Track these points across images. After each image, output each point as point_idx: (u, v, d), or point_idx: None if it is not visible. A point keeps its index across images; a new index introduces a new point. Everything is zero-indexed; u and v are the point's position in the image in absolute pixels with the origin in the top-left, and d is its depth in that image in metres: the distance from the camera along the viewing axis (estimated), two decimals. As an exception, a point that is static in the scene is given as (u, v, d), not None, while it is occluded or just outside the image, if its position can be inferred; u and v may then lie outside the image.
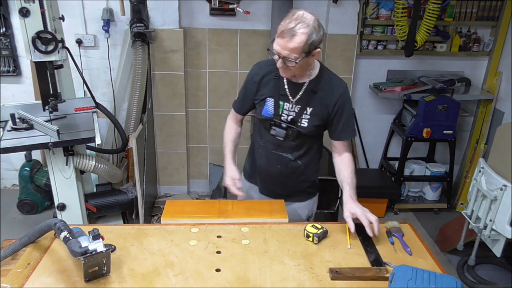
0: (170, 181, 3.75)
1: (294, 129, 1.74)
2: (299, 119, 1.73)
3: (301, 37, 1.49)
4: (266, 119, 1.77)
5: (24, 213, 3.38)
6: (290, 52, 1.51)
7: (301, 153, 1.82)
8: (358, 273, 1.34)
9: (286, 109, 1.74)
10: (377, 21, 3.47)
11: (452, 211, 3.69)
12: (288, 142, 1.78)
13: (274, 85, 1.73)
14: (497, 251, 2.37)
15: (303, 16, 1.50)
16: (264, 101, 1.76)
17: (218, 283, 1.29)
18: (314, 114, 1.72)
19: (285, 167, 1.84)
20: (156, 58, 3.31)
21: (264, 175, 1.92)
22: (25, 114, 2.31)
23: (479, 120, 3.67)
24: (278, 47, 1.53)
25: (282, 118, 1.75)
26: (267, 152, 1.85)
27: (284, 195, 1.89)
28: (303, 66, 1.61)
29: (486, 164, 2.47)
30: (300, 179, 1.90)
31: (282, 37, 1.50)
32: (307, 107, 1.72)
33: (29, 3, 2.05)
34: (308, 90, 1.70)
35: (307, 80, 1.70)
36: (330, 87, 1.71)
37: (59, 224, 1.30)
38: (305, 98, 1.71)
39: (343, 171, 1.77)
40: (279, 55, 1.54)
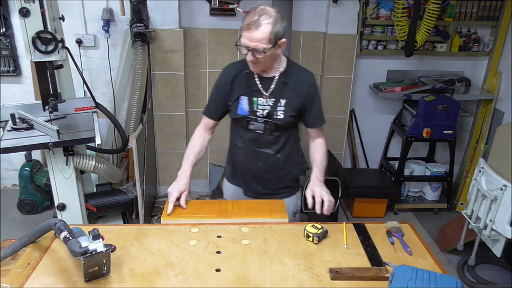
0: (170, 181, 3.67)
1: (271, 122, 1.79)
2: (275, 111, 1.79)
3: (267, 27, 1.58)
4: (243, 117, 1.81)
5: (24, 213, 3.38)
6: (258, 43, 1.59)
7: (279, 147, 1.87)
8: (358, 273, 1.34)
9: (261, 104, 1.79)
10: (377, 21, 3.47)
11: (452, 211, 3.69)
12: (266, 137, 1.83)
13: (245, 83, 1.79)
14: (497, 251, 2.37)
15: (265, 9, 1.60)
16: (238, 100, 1.81)
17: (218, 283, 1.29)
18: (288, 105, 1.79)
19: (266, 163, 1.88)
20: (156, 58, 3.31)
21: (246, 175, 1.94)
22: (25, 114, 2.31)
23: (479, 120, 3.67)
24: (246, 40, 1.61)
25: (258, 113, 1.80)
26: (247, 150, 1.88)
27: (268, 193, 1.94)
28: (271, 57, 1.70)
29: (486, 164, 2.47)
30: (282, 173, 1.94)
31: (249, 29, 1.59)
32: (280, 99, 1.78)
33: (29, 3, 2.05)
34: (279, 82, 1.78)
35: (276, 73, 1.78)
36: (299, 79, 1.80)
37: (59, 224, 1.30)
38: (277, 90, 1.78)
39: (314, 154, 1.95)
40: (248, 48, 1.62)
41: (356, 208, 3.51)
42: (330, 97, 3.59)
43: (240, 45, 1.64)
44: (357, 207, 3.51)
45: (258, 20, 1.57)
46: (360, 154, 3.94)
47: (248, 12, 1.63)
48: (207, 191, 3.85)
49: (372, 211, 3.50)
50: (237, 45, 1.66)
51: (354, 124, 3.81)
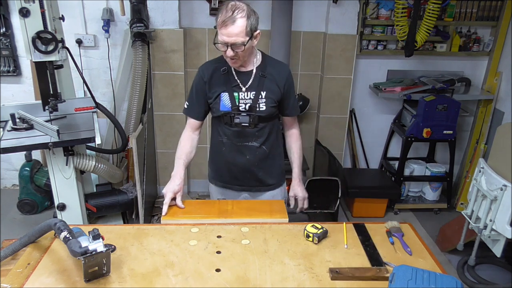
0: (170, 181, 3.75)
1: (255, 115, 1.82)
2: (256, 104, 1.82)
3: (242, 21, 1.63)
4: (225, 113, 1.84)
5: (24, 213, 3.38)
6: (236, 37, 1.64)
7: (264, 139, 1.90)
8: (358, 273, 1.34)
9: (242, 98, 1.82)
10: (377, 21, 3.47)
11: (452, 211, 3.69)
12: (251, 130, 1.86)
13: (224, 79, 1.82)
14: (497, 251, 2.37)
15: (236, 5, 1.65)
16: (219, 97, 1.83)
17: (218, 283, 1.29)
18: (269, 97, 1.83)
19: (253, 156, 1.91)
20: (156, 58, 3.31)
21: (234, 171, 1.96)
22: (25, 114, 2.31)
23: (479, 120, 3.67)
24: (224, 37, 1.65)
25: (241, 108, 1.83)
26: (233, 146, 1.91)
27: (256, 185, 1.98)
28: (249, 50, 1.75)
29: (486, 164, 2.47)
30: (268, 165, 1.97)
31: (225, 26, 1.63)
32: (261, 92, 1.82)
33: (29, 3, 2.05)
34: (257, 76, 1.82)
35: (253, 67, 1.83)
36: (276, 70, 1.86)
37: (59, 224, 1.30)
38: (257, 83, 1.82)
39: (292, 147, 2.02)
40: (227, 44, 1.66)
41: (356, 208, 3.51)
42: (330, 97, 3.59)
43: (218, 42, 1.68)
44: (357, 207, 3.51)
45: (233, 15, 1.62)
46: (360, 154, 3.94)
47: (219, 9, 1.68)
48: (207, 191, 3.84)
49: (372, 211, 3.50)
50: (215, 44, 1.70)
51: (354, 124, 3.81)
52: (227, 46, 1.66)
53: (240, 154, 1.91)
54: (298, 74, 3.60)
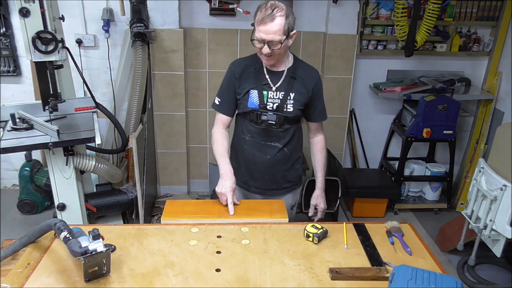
0: (170, 181, 3.75)
1: (281, 115, 1.83)
2: (284, 105, 1.84)
3: (281, 19, 1.65)
4: (253, 110, 1.85)
5: (24, 213, 3.37)
6: (274, 35, 1.66)
7: (287, 140, 1.92)
8: (358, 273, 1.34)
9: (271, 97, 1.83)
10: (377, 21, 3.47)
11: (452, 211, 3.69)
12: (275, 130, 1.87)
13: (255, 77, 1.84)
14: (497, 251, 2.37)
15: (276, 3, 1.68)
16: (248, 94, 1.85)
17: (218, 283, 1.29)
18: (297, 99, 1.85)
19: (274, 156, 1.92)
20: (156, 58, 3.31)
21: (253, 170, 1.97)
22: (25, 114, 2.31)
23: (479, 120, 3.67)
24: (262, 34, 1.67)
25: (268, 106, 1.84)
26: (256, 144, 1.91)
27: (272, 188, 1.98)
28: (284, 49, 1.76)
29: (486, 164, 2.47)
30: (287, 167, 1.98)
31: (264, 23, 1.65)
32: (290, 93, 1.84)
33: (29, 3, 2.05)
34: (287, 76, 1.85)
35: (285, 68, 1.85)
36: (307, 73, 1.88)
37: (59, 224, 1.30)
38: (287, 84, 1.84)
39: (317, 155, 2.07)
40: (264, 41, 1.68)
41: (356, 208, 3.51)
42: (330, 97, 3.59)
43: (254, 39, 1.69)
44: (357, 207, 3.51)
45: (272, 13, 1.63)
46: (360, 154, 3.94)
47: (259, 7, 1.69)
48: (207, 191, 3.85)
49: (372, 211, 3.50)
50: (252, 40, 1.71)
51: (354, 124, 3.81)
52: (264, 43, 1.68)
53: (262, 153, 1.92)
54: (298, 74, 3.59)
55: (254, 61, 1.85)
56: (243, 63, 1.87)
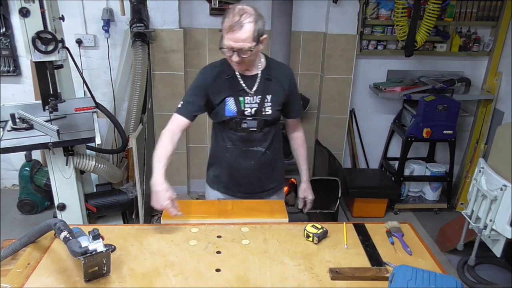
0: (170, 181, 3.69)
1: (261, 119, 1.80)
2: (262, 108, 1.80)
3: (250, 26, 1.59)
4: (231, 118, 1.80)
5: (24, 213, 3.37)
6: (243, 43, 1.60)
7: (269, 143, 1.88)
8: (358, 273, 1.34)
9: (248, 102, 1.79)
10: (377, 21, 3.47)
11: (452, 211, 3.69)
12: (257, 135, 1.83)
13: (229, 84, 1.78)
14: (497, 251, 2.37)
15: (244, 9, 1.60)
16: (224, 102, 1.78)
17: (218, 283, 1.29)
18: (274, 100, 1.81)
19: (257, 161, 1.89)
20: (156, 58, 3.31)
21: (237, 176, 1.92)
22: (25, 114, 2.31)
23: (479, 120, 3.67)
24: (231, 42, 1.61)
25: (246, 112, 1.79)
26: (238, 151, 1.86)
27: (258, 191, 1.95)
28: (255, 55, 1.71)
29: (486, 164, 2.47)
30: (270, 168, 1.95)
31: (232, 31, 1.58)
32: (266, 95, 1.80)
33: (29, 3, 2.05)
34: (262, 79, 1.79)
35: (258, 71, 1.80)
36: (281, 73, 1.84)
37: (59, 224, 1.30)
38: (262, 87, 1.79)
39: (299, 150, 2.05)
40: (233, 49, 1.61)
41: (356, 208, 3.51)
42: (330, 97, 3.59)
43: (223, 47, 1.63)
44: (357, 207, 3.51)
45: (240, 20, 1.57)
46: (360, 154, 3.93)
47: (226, 13, 1.62)
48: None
49: (372, 211, 3.50)
50: (220, 48, 1.65)
51: (354, 124, 3.81)
52: (233, 51, 1.62)
53: (245, 159, 1.88)
54: (298, 74, 3.59)
55: (225, 67, 1.77)
56: (215, 70, 1.79)
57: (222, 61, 1.81)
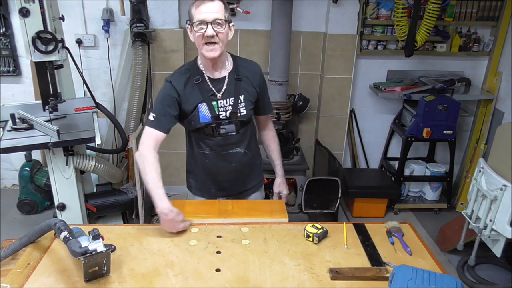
0: (170, 181, 3.74)
1: (237, 121, 1.77)
2: (237, 109, 1.76)
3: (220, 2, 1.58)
4: (207, 124, 1.74)
5: (24, 213, 3.37)
6: (217, 13, 1.56)
7: (247, 143, 1.85)
8: (358, 273, 1.34)
9: (221, 106, 1.74)
10: (377, 21, 3.46)
11: (452, 211, 3.69)
12: (234, 137, 1.79)
13: (199, 89, 1.72)
14: (497, 251, 2.37)
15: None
16: (197, 109, 1.72)
17: (218, 283, 1.29)
18: (247, 99, 1.78)
19: (238, 162, 1.86)
20: (156, 58, 3.31)
21: (219, 180, 1.89)
22: (25, 114, 2.31)
23: (479, 120, 3.67)
24: (203, 14, 1.56)
25: (221, 116, 1.75)
26: (217, 156, 1.82)
27: (241, 191, 1.94)
28: (226, 39, 1.64)
29: (486, 164, 2.47)
30: (250, 166, 1.93)
31: (203, 3, 1.56)
32: (239, 96, 1.76)
33: (29, 3, 2.05)
34: (231, 80, 1.75)
35: (226, 73, 1.75)
36: (249, 71, 1.79)
37: (59, 224, 1.30)
38: (233, 88, 1.75)
39: (272, 146, 2.02)
40: (206, 22, 1.56)
41: (356, 208, 3.51)
42: (330, 97, 3.59)
43: (195, 23, 1.57)
44: (357, 207, 3.51)
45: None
46: (360, 154, 3.93)
47: None
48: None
49: (372, 211, 3.50)
50: (192, 24, 1.58)
51: (354, 124, 3.81)
52: (207, 24, 1.55)
53: (226, 163, 1.84)
54: (298, 74, 3.60)
55: (193, 72, 1.71)
56: (183, 76, 1.71)
57: (188, 65, 1.75)
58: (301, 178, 3.13)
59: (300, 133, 3.73)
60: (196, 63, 1.75)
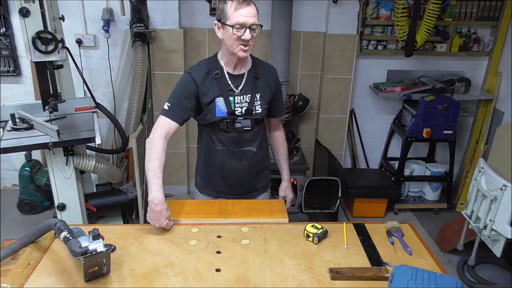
0: (170, 181, 3.75)
1: (252, 118, 1.79)
2: (253, 107, 1.78)
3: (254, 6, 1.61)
4: (222, 119, 1.75)
5: (24, 213, 3.37)
6: (254, 18, 1.59)
7: (259, 142, 1.87)
8: (358, 273, 1.34)
9: (238, 102, 1.76)
10: (377, 21, 3.47)
11: (452, 211, 3.69)
12: (247, 135, 1.81)
13: (218, 84, 1.73)
14: (497, 251, 2.37)
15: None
16: (214, 103, 1.73)
17: (218, 283, 1.29)
18: (263, 98, 1.81)
19: (249, 161, 1.87)
20: (156, 58, 3.31)
21: (229, 178, 1.90)
22: (25, 114, 2.31)
23: (479, 120, 3.67)
24: (243, 18, 1.57)
25: (237, 112, 1.77)
26: (229, 153, 1.83)
27: (249, 191, 1.95)
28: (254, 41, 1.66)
29: (486, 164, 2.47)
30: (260, 167, 1.94)
31: (243, 7, 1.57)
32: (256, 94, 1.79)
33: (29, 3, 2.05)
34: (250, 78, 1.78)
35: (245, 70, 1.78)
36: (266, 71, 1.84)
37: (59, 224, 1.30)
38: (251, 86, 1.78)
39: (280, 149, 2.03)
40: (246, 26, 1.58)
41: (356, 208, 3.51)
42: (330, 97, 3.59)
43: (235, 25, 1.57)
44: (357, 207, 3.51)
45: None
46: (360, 154, 3.94)
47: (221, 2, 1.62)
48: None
49: (372, 211, 3.50)
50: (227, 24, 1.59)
51: (354, 124, 3.81)
52: (246, 28, 1.57)
53: (237, 160, 1.85)
54: (298, 74, 3.60)
55: (213, 67, 1.73)
56: (203, 69, 1.73)
57: (208, 60, 1.78)
58: (301, 178, 3.13)
59: (300, 133, 3.73)
60: (217, 58, 1.77)
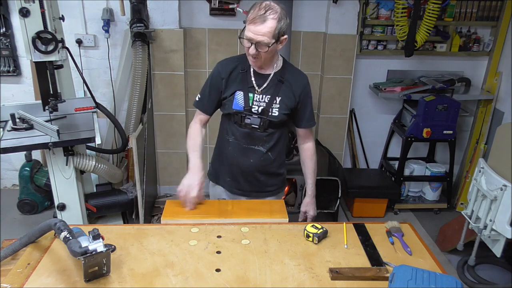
0: (170, 181, 3.75)
1: (266, 119, 1.80)
2: (270, 108, 1.80)
3: (272, 22, 1.61)
4: (237, 112, 1.81)
5: (24, 213, 3.38)
6: (262, 37, 1.62)
7: (272, 145, 1.88)
8: (358, 273, 1.34)
9: (256, 100, 1.80)
10: (377, 21, 3.47)
11: (452, 211, 3.69)
12: (259, 134, 1.83)
13: (241, 78, 1.81)
14: (497, 251, 2.37)
15: (271, 5, 1.63)
16: (234, 95, 1.81)
17: (218, 283, 1.29)
18: (283, 103, 1.81)
19: (257, 160, 1.89)
20: (156, 58, 3.31)
21: (235, 173, 1.94)
22: (25, 114, 2.31)
23: (479, 120, 3.68)
24: (251, 34, 1.63)
25: (253, 109, 1.80)
26: (239, 147, 1.88)
27: (255, 190, 1.96)
28: (272, 53, 1.72)
29: (486, 164, 2.47)
30: (271, 172, 1.95)
31: (254, 23, 1.61)
32: (276, 97, 1.80)
33: (29, 3, 2.05)
34: (274, 80, 1.80)
35: (272, 71, 1.81)
36: (295, 78, 1.84)
37: (59, 224, 1.30)
38: (273, 88, 1.80)
39: (307, 162, 2.00)
40: (252, 41, 1.64)
41: (356, 208, 3.52)
42: (330, 97, 3.59)
43: (243, 37, 1.66)
44: (357, 207, 3.51)
45: (264, 14, 1.60)
46: (360, 154, 3.94)
47: (253, 6, 1.65)
48: (207, 191, 3.84)
49: (372, 211, 3.50)
50: (240, 38, 1.68)
51: (354, 124, 3.81)
52: (252, 43, 1.64)
53: (245, 157, 1.88)
54: (298, 74, 3.60)
55: (242, 62, 1.81)
56: (231, 64, 1.83)
57: (240, 56, 1.84)
58: (301, 178, 3.13)
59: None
60: None
